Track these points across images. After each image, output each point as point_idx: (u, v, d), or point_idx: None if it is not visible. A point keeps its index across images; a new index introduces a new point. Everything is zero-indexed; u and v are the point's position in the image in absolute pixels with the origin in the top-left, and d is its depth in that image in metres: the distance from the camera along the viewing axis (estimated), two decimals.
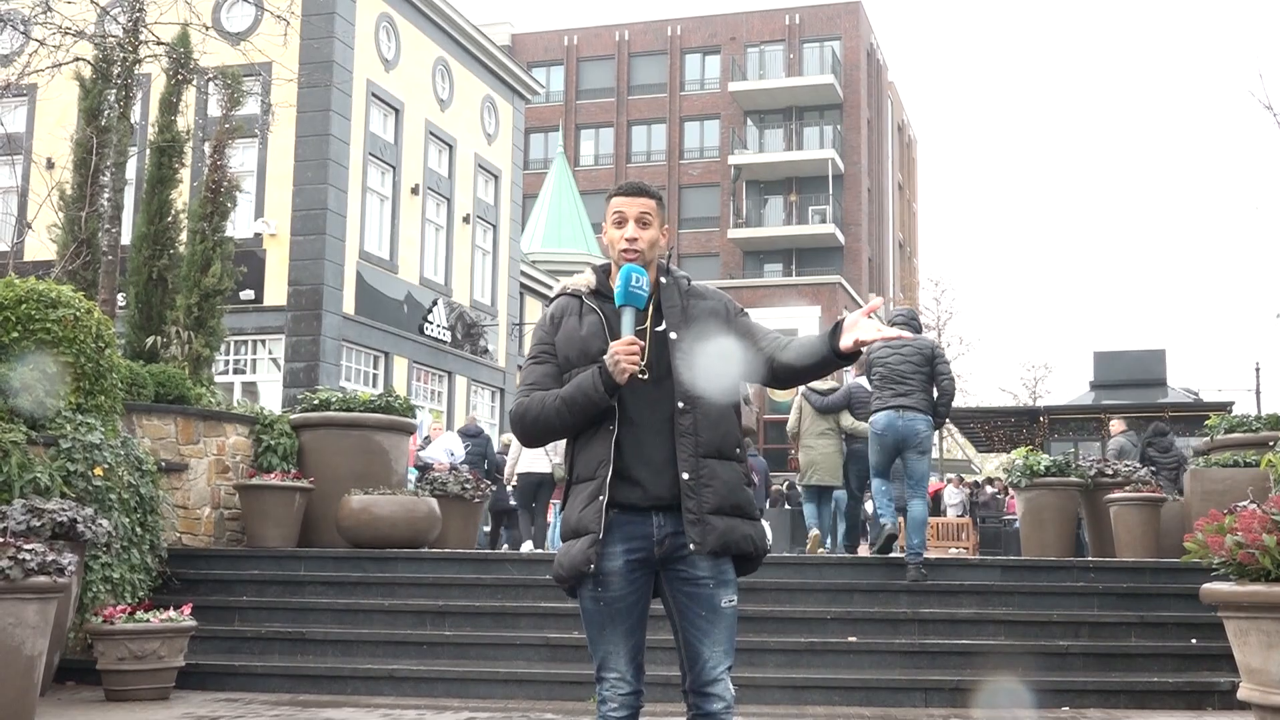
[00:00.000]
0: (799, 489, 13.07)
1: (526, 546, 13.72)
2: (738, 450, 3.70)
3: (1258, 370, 38.94)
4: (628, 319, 3.54)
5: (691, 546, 3.50)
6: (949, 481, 29.99)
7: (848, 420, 11.85)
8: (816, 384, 11.87)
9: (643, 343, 3.55)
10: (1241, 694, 5.50)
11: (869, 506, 13.35)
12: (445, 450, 16.01)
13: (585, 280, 3.78)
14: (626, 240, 3.66)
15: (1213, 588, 5.57)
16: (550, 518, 16.28)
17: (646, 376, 3.56)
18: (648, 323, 3.62)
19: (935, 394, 9.49)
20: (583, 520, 3.53)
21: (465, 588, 9.37)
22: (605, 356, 3.48)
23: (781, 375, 3.64)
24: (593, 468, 3.56)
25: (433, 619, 8.99)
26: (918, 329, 10.61)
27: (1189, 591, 7.88)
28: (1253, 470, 10.34)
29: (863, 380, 11.32)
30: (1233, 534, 5.34)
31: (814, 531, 12.04)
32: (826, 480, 11.95)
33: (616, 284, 3.57)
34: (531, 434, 3.66)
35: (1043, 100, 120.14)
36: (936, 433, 10.49)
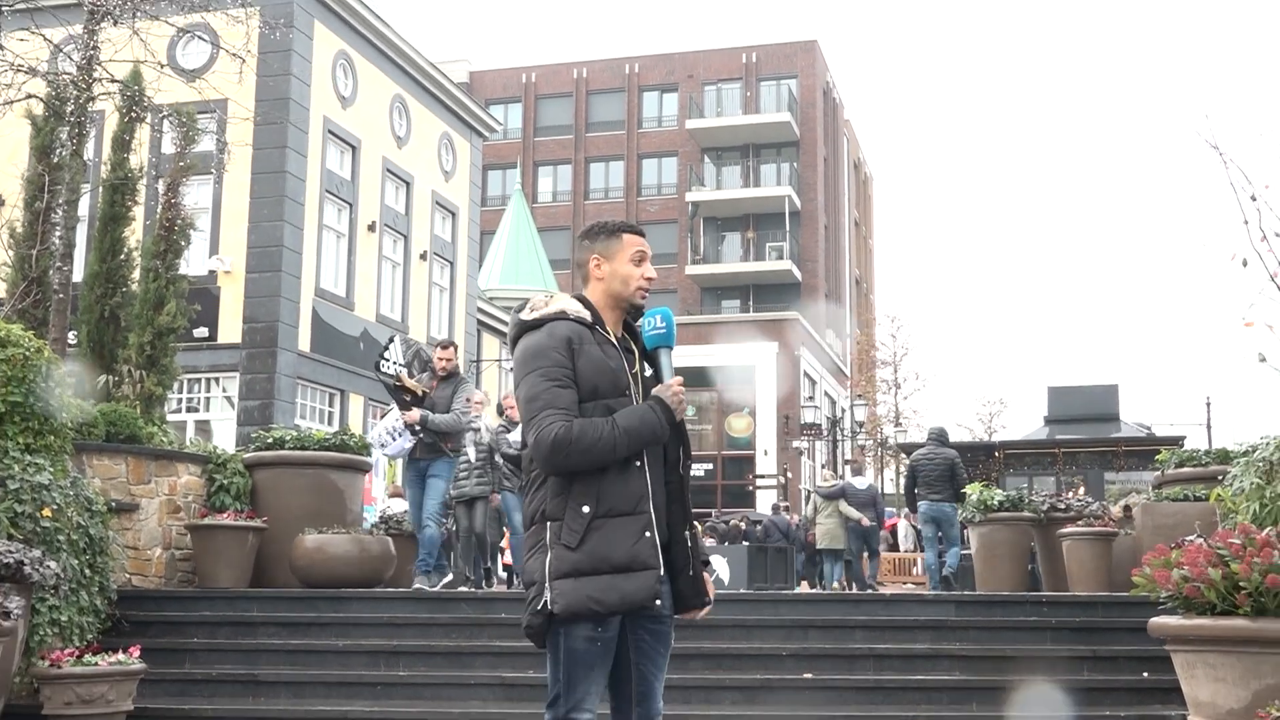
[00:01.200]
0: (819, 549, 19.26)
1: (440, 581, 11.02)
2: None
3: (1209, 405, 39.48)
4: (668, 359, 3.73)
5: (706, 602, 3.74)
6: (904, 517, 30.09)
7: (844, 506, 17.86)
8: (821, 483, 19.19)
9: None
10: None
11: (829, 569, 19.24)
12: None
13: (582, 309, 3.75)
14: (647, 279, 3.78)
15: (1160, 622, 5.63)
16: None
17: None
18: (637, 367, 3.76)
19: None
20: (638, 554, 3.53)
21: (420, 627, 9.30)
22: (665, 394, 3.62)
23: None
24: (633, 503, 3.56)
25: (387, 659, 8.91)
26: (946, 442, 15.00)
27: (1140, 625, 7.92)
28: (1202, 504, 10.45)
29: (855, 480, 18.64)
30: (1179, 568, 5.40)
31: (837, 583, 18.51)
32: (834, 545, 18.21)
33: (655, 324, 3.75)
34: (578, 460, 3.54)
35: (996, 138, 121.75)
36: (889, 469, 13.87)
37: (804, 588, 19.11)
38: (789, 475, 41.18)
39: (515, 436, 11.31)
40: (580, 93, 56.11)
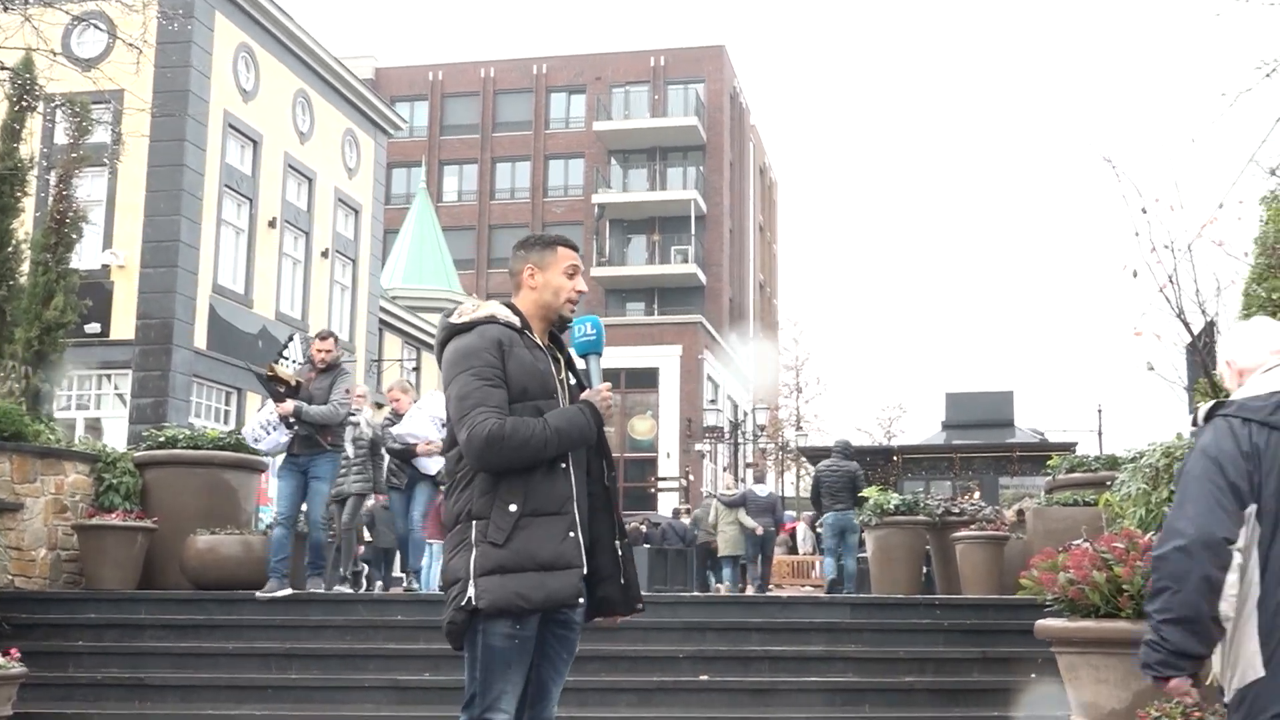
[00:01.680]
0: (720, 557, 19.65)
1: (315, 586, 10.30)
2: None
3: (1100, 412, 40.43)
4: (597, 365, 3.86)
5: (638, 608, 3.86)
6: (803, 520, 30.38)
7: (743, 515, 18.42)
8: (724, 491, 20.09)
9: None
10: None
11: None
12: (433, 420, 11.01)
13: (510, 315, 3.84)
14: (578, 292, 3.94)
15: (1046, 624, 5.74)
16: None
17: None
18: (563, 374, 3.87)
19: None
20: (563, 553, 3.62)
21: (313, 629, 9.18)
22: (594, 397, 3.75)
23: None
24: (559, 503, 3.66)
25: (278, 662, 8.77)
26: (849, 455, 15.80)
27: (1028, 627, 8.08)
28: (1090, 509, 10.67)
29: (756, 487, 19.54)
30: (1065, 571, 5.51)
31: (724, 584, 19.21)
32: (734, 551, 18.84)
33: (585, 331, 3.87)
34: (509, 457, 3.61)
35: (899, 146, 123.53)
36: (790, 472, 13.99)
37: (723, 589, 19.09)
38: (691, 478, 41.37)
39: (401, 430, 11.04)
40: (487, 92, 55.84)
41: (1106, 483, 11.26)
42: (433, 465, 10.91)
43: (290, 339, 26.76)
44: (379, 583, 14.80)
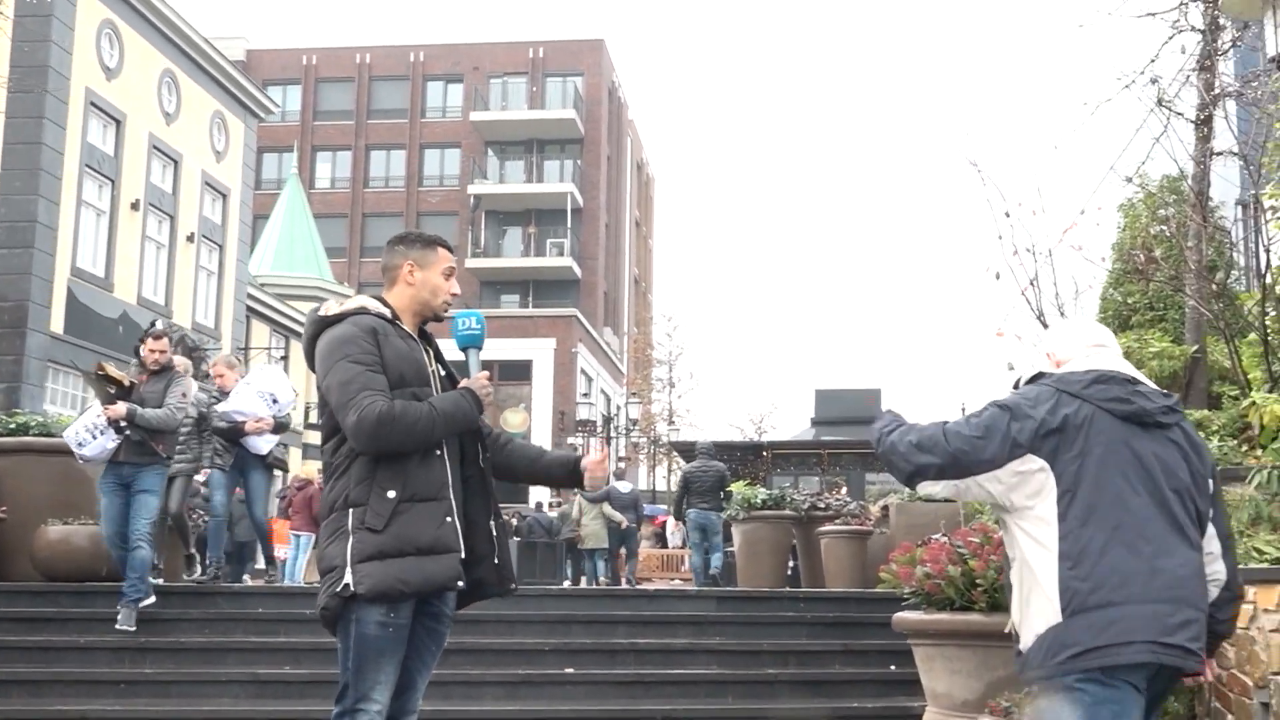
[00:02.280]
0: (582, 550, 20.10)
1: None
2: None
3: (964, 411, 41.34)
4: (476, 357, 3.92)
5: (511, 588, 3.90)
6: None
7: (608, 509, 19.23)
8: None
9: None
10: (927, 717, 5.79)
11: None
12: (262, 396, 10.38)
13: (381, 307, 3.88)
14: (453, 294, 4.00)
15: (903, 616, 5.86)
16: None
17: None
18: (435, 365, 3.93)
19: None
20: (441, 538, 3.65)
21: (169, 623, 8.94)
22: (476, 386, 3.81)
23: (500, 468, 4.06)
24: (435, 489, 3.69)
25: (132, 656, 8.52)
26: (715, 456, 16.56)
27: (888, 620, 8.26)
28: (951, 505, 10.94)
29: (618, 484, 20.28)
30: (922, 565, 5.63)
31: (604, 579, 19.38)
32: (599, 545, 19.37)
33: (468, 324, 3.94)
34: (397, 439, 3.64)
35: (776, 145, 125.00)
36: (662, 466, 14.71)
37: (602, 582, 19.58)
38: None
39: (227, 407, 10.16)
40: (362, 78, 55.03)
41: None
42: (263, 445, 10.21)
43: (153, 325, 26.03)
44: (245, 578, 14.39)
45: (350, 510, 3.64)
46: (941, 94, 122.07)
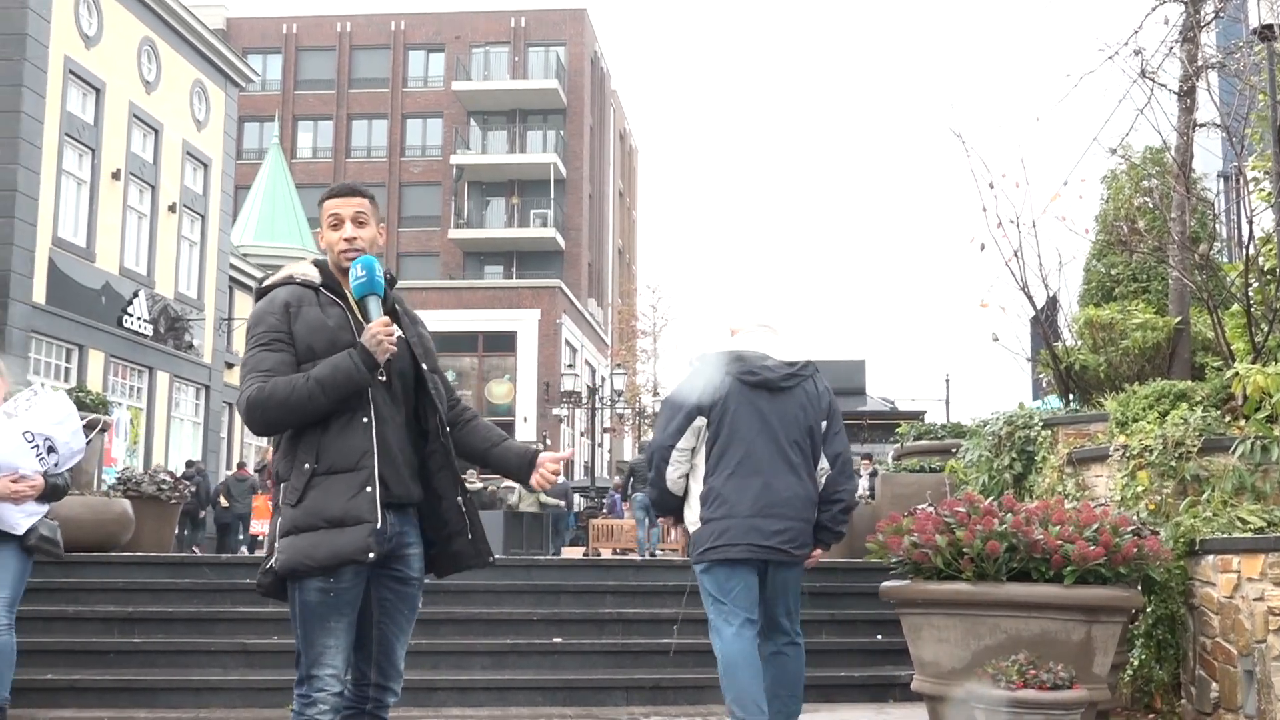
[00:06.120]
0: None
1: None
2: None
3: (948, 382, 41.59)
4: (376, 306, 3.66)
5: (489, 560, 3.86)
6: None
7: (543, 496, 20.74)
8: None
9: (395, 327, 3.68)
10: (915, 685, 5.84)
11: None
12: (29, 439, 5.95)
13: (311, 273, 3.79)
14: (345, 240, 3.78)
15: (891, 585, 5.90)
16: None
17: (385, 379, 3.70)
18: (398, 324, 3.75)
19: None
20: (352, 509, 3.53)
21: (156, 593, 8.96)
22: (364, 338, 3.58)
23: (458, 445, 3.92)
24: (353, 459, 3.58)
25: (121, 626, 8.54)
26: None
27: (875, 590, 8.31)
28: (937, 475, 11.01)
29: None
30: (910, 534, 5.66)
31: None
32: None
33: (356, 273, 3.67)
34: (275, 417, 3.59)
35: (760, 116, 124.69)
36: (645, 438, 15.90)
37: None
38: (548, 442, 41.35)
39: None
40: (344, 47, 54.66)
41: (953, 450, 11.65)
42: (20, 519, 6.04)
43: (135, 295, 25.93)
44: None
45: (280, 485, 3.66)
46: (926, 64, 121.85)
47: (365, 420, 3.61)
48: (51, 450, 6.08)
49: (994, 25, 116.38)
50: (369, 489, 3.55)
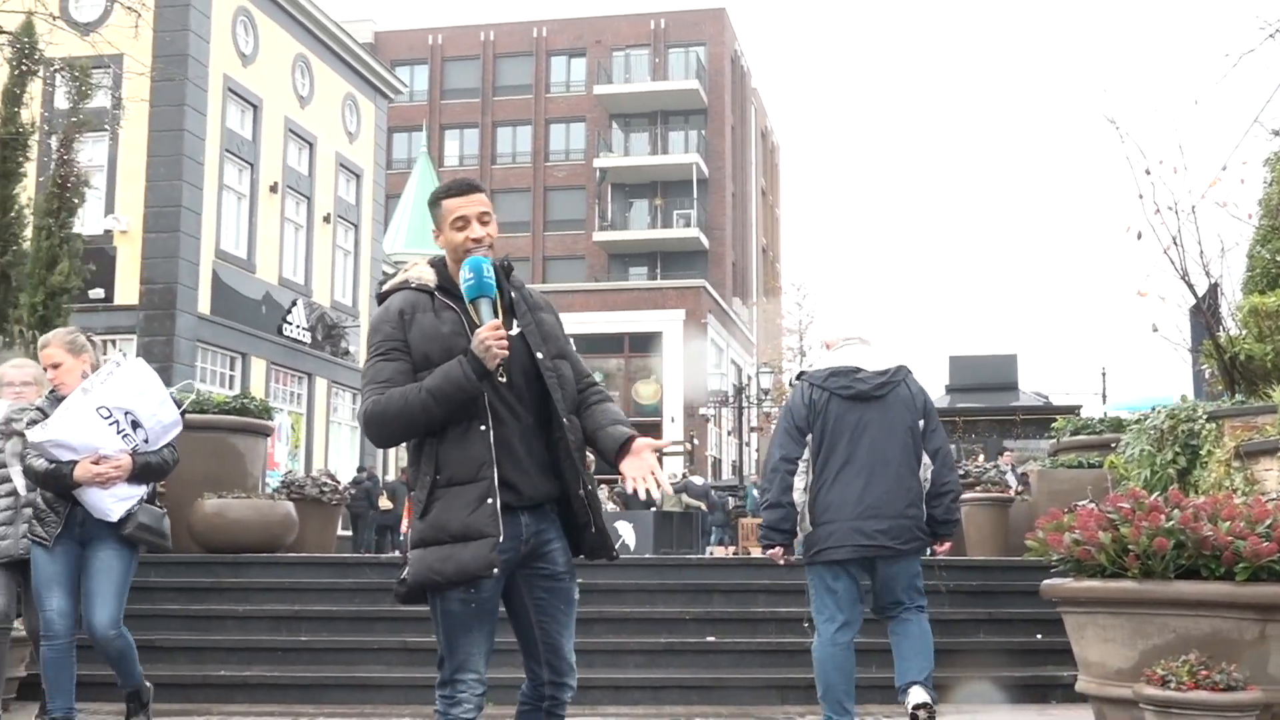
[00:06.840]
0: None
1: None
2: None
3: (1104, 375, 40.41)
4: (487, 309, 3.54)
5: (613, 555, 3.74)
6: None
7: (686, 498, 23.74)
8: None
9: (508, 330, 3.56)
10: (1079, 686, 5.69)
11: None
12: (106, 416, 5.60)
13: (427, 276, 3.69)
14: (473, 240, 3.65)
15: (1052, 584, 5.75)
16: None
17: (505, 379, 3.59)
18: (499, 318, 3.59)
19: None
20: (473, 524, 3.46)
21: (321, 592, 9.23)
22: (473, 344, 3.46)
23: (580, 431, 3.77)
24: (473, 470, 3.50)
25: (288, 624, 8.82)
26: None
27: (1034, 589, 8.09)
28: (1095, 471, 10.70)
29: (694, 479, 25.73)
30: (1071, 532, 5.51)
31: None
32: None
33: (465, 275, 3.56)
34: (392, 431, 3.54)
35: (904, 108, 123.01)
36: None
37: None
38: (695, 442, 41.42)
39: (43, 435, 5.58)
40: (487, 56, 55.55)
41: (1111, 445, 11.32)
42: (113, 505, 5.65)
43: (294, 304, 26.75)
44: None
45: (410, 495, 3.66)
46: (1077, 50, 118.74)
47: (483, 428, 3.52)
48: (136, 425, 5.60)
49: (1147, 5, 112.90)
50: (490, 500, 3.47)
